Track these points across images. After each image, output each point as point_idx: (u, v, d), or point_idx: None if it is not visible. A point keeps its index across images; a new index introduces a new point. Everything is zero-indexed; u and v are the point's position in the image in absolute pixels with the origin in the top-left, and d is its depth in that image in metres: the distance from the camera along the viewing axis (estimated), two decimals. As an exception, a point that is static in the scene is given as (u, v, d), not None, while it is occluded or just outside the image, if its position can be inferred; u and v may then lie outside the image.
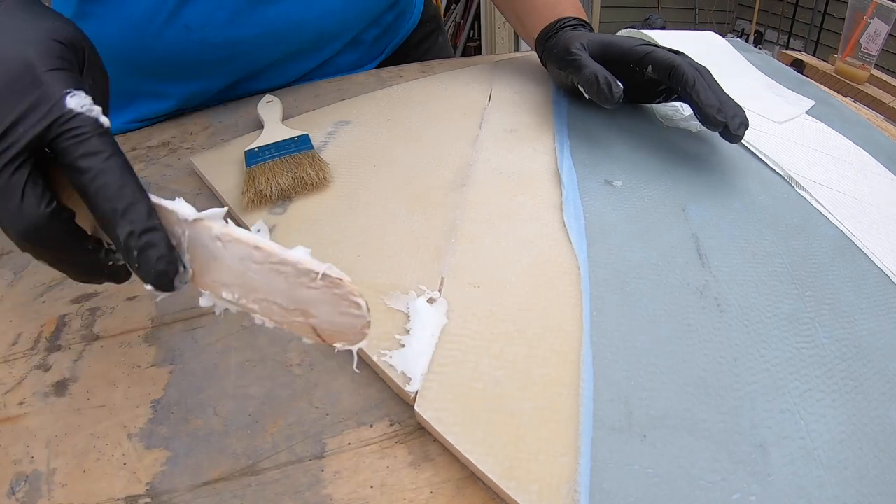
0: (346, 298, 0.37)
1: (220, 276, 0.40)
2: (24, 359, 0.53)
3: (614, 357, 0.48)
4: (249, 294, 0.39)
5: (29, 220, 0.39)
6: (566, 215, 0.61)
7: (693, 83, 0.67)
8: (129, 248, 0.38)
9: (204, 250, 0.39)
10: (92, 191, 0.39)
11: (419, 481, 0.42)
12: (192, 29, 0.83)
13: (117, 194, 0.38)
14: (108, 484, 0.43)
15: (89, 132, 0.40)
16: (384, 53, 1.09)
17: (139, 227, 0.38)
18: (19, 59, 0.41)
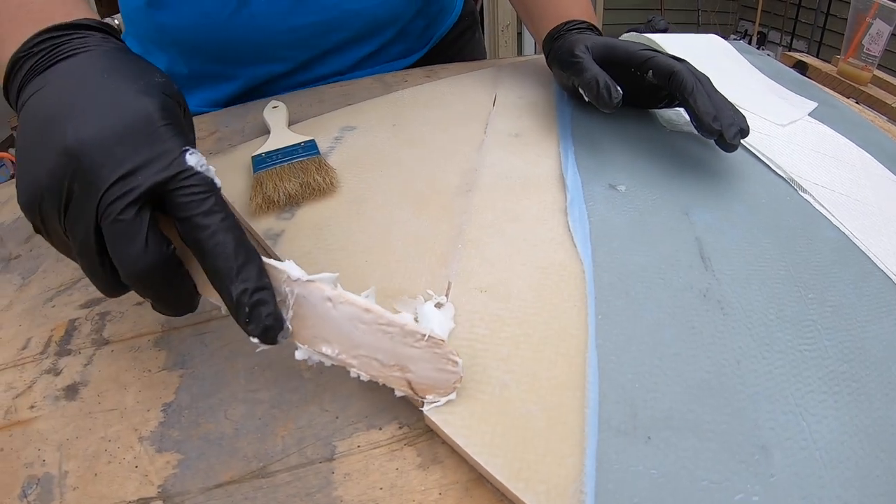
0: (446, 357, 0.44)
1: (323, 333, 0.44)
2: (34, 363, 0.53)
3: (619, 360, 0.49)
4: (350, 350, 0.44)
5: (151, 261, 0.42)
6: (571, 219, 0.62)
7: (691, 90, 0.68)
8: (241, 304, 0.42)
9: (311, 309, 0.44)
10: (209, 248, 0.42)
11: (428, 483, 0.43)
12: (258, 16, 0.90)
13: (233, 253, 0.42)
14: (120, 486, 0.43)
15: (207, 192, 0.43)
16: (428, 45, 1.13)
17: (251, 286, 0.42)
18: (138, 109, 0.44)
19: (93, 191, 0.41)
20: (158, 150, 0.43)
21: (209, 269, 0.43)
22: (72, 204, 0.42)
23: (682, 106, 0.70)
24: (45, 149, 0.43)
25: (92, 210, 0.42)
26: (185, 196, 0.42)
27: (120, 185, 0.41)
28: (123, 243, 0.42)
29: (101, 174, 0.41)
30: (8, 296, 0.61)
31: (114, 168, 0.42)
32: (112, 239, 0.42)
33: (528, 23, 0.95)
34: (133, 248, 0.41)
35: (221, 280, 0.42)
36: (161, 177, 0.42)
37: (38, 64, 0.48)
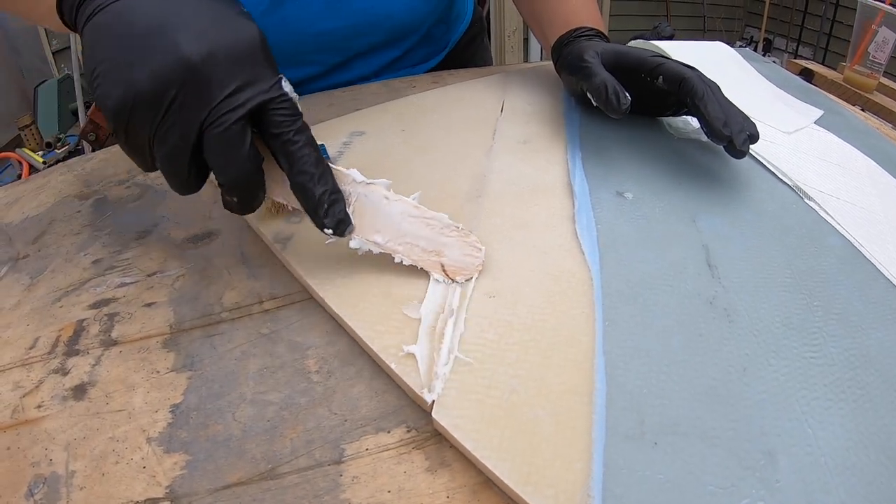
0: (472, 245, 0.57)
1: (377, 224, 0.55)
2: (41, 363, 0.53)
3: (627, 366, 0.49)
4: (398, 238, 0.56)
5: (251, 168, 0.50)
6: (579, 226, 0.62)
7: (702, 95, 0.68)
8: (321, 203, 0.51)
9: (370, 205, 0.55)
10: (298, 157, 0.51)
11: (436, 486, 0.43)
12: (289, 20, 0.91)
13: (316, 163, 0.51)
14: (128, 487, 0.43)
15: (297, 114, 0.51)
16: (445, 50, 1.15)
17: (330, 188, 0.52)
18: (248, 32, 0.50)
19: (203, 101, 0.47)
20: (263, 74, 0.50)
21: (296, 175, 0.51)
22: (173, 110, 0.47)
23: (692, 112, 0.70)
24: (149, 56, 0.46)
25: (198, 118, 0.47)
26: (280, 116, 0.50)
27: (231, 99, 0.48)
28: (231, 152, 0.49)
29: (214, 87, 0.47)
30: (16, 295, 0.61)
31: (226, 83, 0.47)
32: (219, 146, 0.48)
33: (536, 30, 0.95)
34: (239, 155, 0.49)
35: (306, 183, 0.51)
36: (266, 97, 0.49)
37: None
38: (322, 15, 0.91)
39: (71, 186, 0.78)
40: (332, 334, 0.54)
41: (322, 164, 0.52)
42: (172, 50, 0.46)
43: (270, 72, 0.50)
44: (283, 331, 0.55)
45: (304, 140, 0.51)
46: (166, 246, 0.66)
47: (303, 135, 0.51)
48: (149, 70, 0.46)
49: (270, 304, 0.57)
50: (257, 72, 0.49)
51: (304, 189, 0.51)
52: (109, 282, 0.61)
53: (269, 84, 0.50)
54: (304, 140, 0.51)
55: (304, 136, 0.51)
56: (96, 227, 0.70)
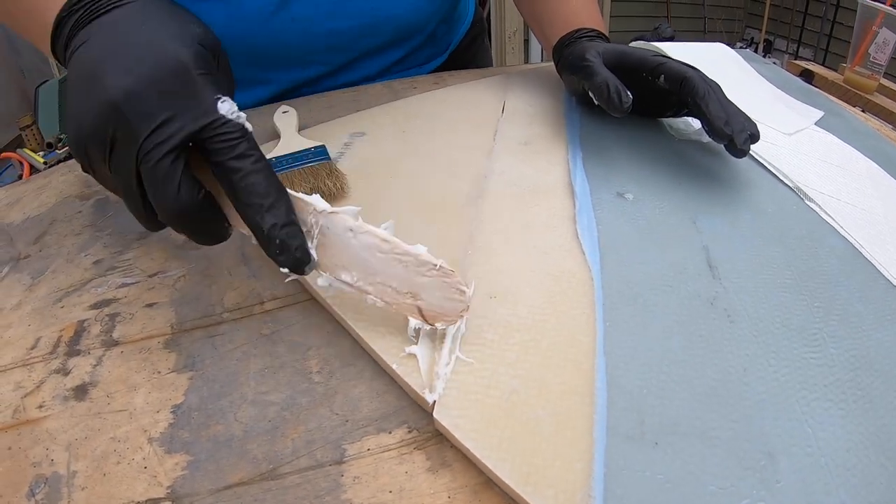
0: (454, 287, 0.48)
1: (344, 261, 0.49)
2: (43, 363, 0.53)
3: (627, 366, 0.49)
4: (368, 277, 0.49)
5: (185, 204, 0.46)
6: (579, 227, 0.62)
7: (703, 94, 0.68)
8: (272, 238, 0.46)
9: (335, 238, 0.49)
10: (241, 188, 0.46)
11: (437, 486, 0.43)
12: (298, 20, 0.91)
13: (264, 192, 0.46)
14: (129, 487, 0.44)
15: (238, 137, 0.47)
16: (447, 51, 1.16)
17: (281, 220, 0.46)
18: (174, 59, 0.47)
19: (132, 139, 0.45)
20: (192, 100, 0.46)
21: (241, 208, 0.47)
22: (115, 150, 0.46)
23: (693, 111, 0.70)
24: (89, 99, 0.46)
25: (132, 156, 0.46)
26: (217, 142, 0.46)
27: (157, 133, 0.45)
28: (159, 188, 0.46)
29: (140, 124, 0.45)
30: (17, 295, 0.61)
31: (151, 118, 0.45)
32: (149, 183, 0.46)
33: (538, 31, 0.96)
34: (168, 193, 0.46)
35: (253, 217, 0.46)
36: (195, 126, 0.46)
37: (81, 19, 0.51)
38: (329, 15, 0.92)
39: (72, 187, 0.78)
40: (333, 335, 0.55)
41: (274, 193, 0.47)
42: (102, 91, 0.46)
43: (206, 94, 0.47)
44: (284, 331, 0.55)
45: (248, 167, 0.46)
46: (167, 246, 0.66)
47: (246, 160, 0.46)
48: (89, 111, 0.46)
49: (271, 305, 0.58)
50: (189, 99, 0.46)
51: (253, 225, 0.47)
52: (111, 282, 0.61)
53: (201, 109, 0.46)
54: (247, 167, 0.46)
55: (248, 161, 0.47)
56: (97, 227, 0.70)
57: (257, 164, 0.47)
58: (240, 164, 0.46)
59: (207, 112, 0.46)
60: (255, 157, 0.47)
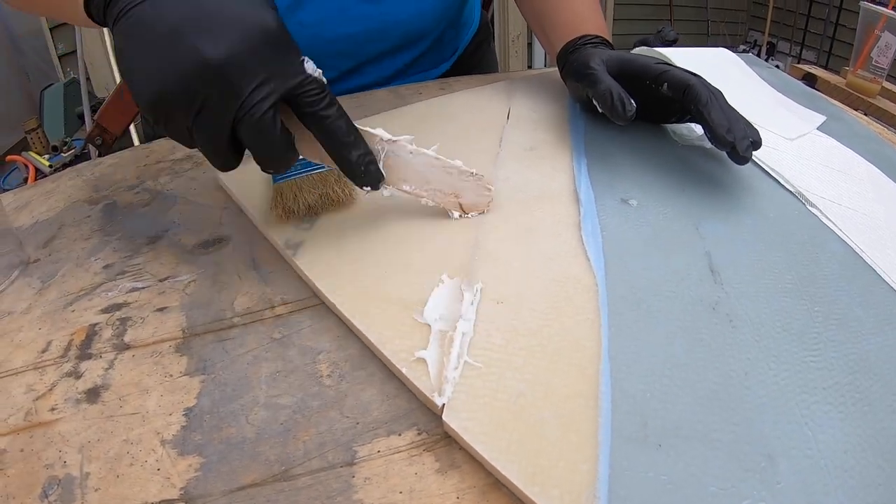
0: (484, 186, 0.66)
1: (405, 175, 0.63)
2: (54, 366, 0.54)
3: (631, 370, 0.50)
4: (423, 185, 0.64)
5: (283, 148, 0.54)
6: (584, 233, 0.63)
7: (706, 102, 0.68)
8: (359, 165, 0.57)
9: (398, 159, 0.61)
10: (332, 130, 0.55)
11: (446, 487, 0.44)
12: (306, 25, 0.92)
13: (348, 131, 0.56)
14: (142, 489, 0.44)
15: (324, 91, 0.55)
16: (454, 56, 1.16)
17: (363, 151, 0.57)
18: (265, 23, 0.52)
19: (233, 97, 0.50)
20: (285, 60, 0.53)
21: (334, 146, 0.56)
22: (206, 108, 0.51)
23: (696, 118, 0.71)
24: (175, 58, 0.49)
25: (231, 112, 0.51)
26: (309, 96, 0.54)
27: (257, 91, 0.50)
28: (263, 138, 0.52)
29: (241, 83, 0.50)
30: (27, 299, 0.61)
31: (251, 78, 0.50)
32: (253, 135, 0.52)
33: (542, 37, 0.96)
34: (272, 140, 0.53)
35: (342, 151, 0.56)
36: (290, 83, 0.52)
37: None
38: (337, 20, 0.92)
39: (80, 191, 0.79)
40: (344, 339, 0.55)
41: (353, 131, 0.57)
42: (195, 54, 0.49)
43: (291, 56, 0.53)
44: (295, 335, 0.56)
45: (334, 113, 0.55)
46: (177, 251, 0.66)
47: (332, 108, 0.55)
48: (176, 73, 0.49)
49: (282, 310, 0.58)
50: (278, 61, 0.52)
51: (343, 158, 0.57)
52: (121, 286, 0.62)
53: (292, 70, 0.53)
54: (334, 114, 0.55)
55: (333, 109, 0.55)
56: (106, 231, 0.70)
57: (339, 110, 0.56)
58: (328, 112, 0.55)
59: (298, 71, 0.53)
60: (336, 105, 0.55)
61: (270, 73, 0.51)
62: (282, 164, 0.56)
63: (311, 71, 0.54)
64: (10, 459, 0.46)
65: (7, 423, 0.49)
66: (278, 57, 0.52)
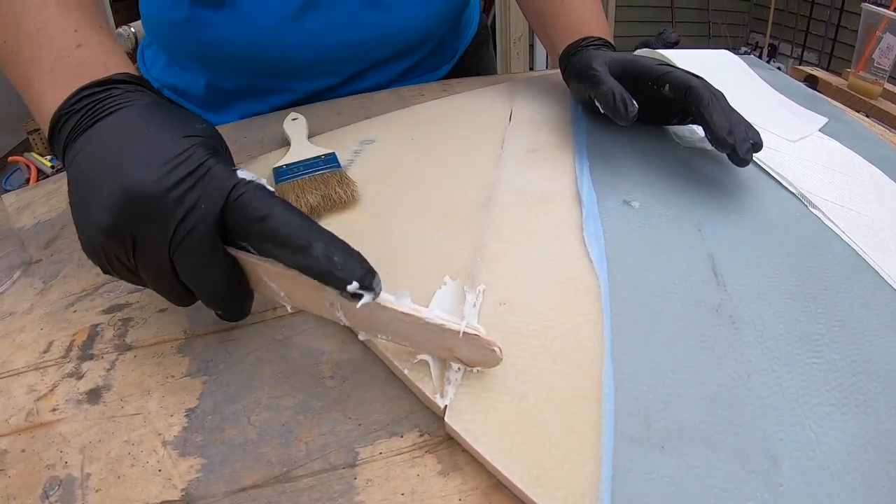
0: (484, 347, 0.47)
1: (375, 327, 0.49)
2: (56, 366, 0.54)
3: (634, 372, 0.50)
4: (402, 339, 0.49)
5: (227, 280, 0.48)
6: (586, 235, 0.63)
7: (707, 104, 0.68)
8: (329, 256, 0.44)
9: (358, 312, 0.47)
10: (281, 227, 0.45)
11: (448, 489, 0.44)
12: (311, 33, 0.92)
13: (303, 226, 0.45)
14: (143, 489, 0.44)
15: (263, 189, 0.47)
16: (454, 58, 1.16)
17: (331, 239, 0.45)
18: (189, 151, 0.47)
19: (163, 230, 0.46)
20: (213, 181, 0.47)
21: (285, 246, 0.45)
22: (140, 244, 0.47)
23: (697, 120, 0.71)
24: (103, 200, 0.46)
25: (164, 246, 0.46)
26: (245, 198, 0.46)
27: (188, 220, 0.45)
28: (200, 271, 0.47)
29: (168, 214, 0.45)
30: (29, 299, 0.61)
31: (178, 206, 0.45)
32: (188, 268, 0.47)
33: (544, 38, 0.96)
34: (211, 274, 0.47)
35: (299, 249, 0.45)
36: (222, 201, 0.46)
37: (82, 122, 0.51)
38: (342, 28, 0.92)
39: (83, 192, 0.79)
40: (346, 340, 0.55)
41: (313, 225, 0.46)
42: (118, 191, 0.46)
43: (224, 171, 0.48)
44: (297, 337, 0.56)
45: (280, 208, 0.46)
46: (180, 253, 0.66)
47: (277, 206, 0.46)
48: (106, 212, 0.46)
49: (284, 311, 0.58)
50: (209, 180, 0.47)
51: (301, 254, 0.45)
52: (123, 287, 0.62)
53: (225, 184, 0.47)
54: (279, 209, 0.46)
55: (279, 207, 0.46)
56: (110, 233, 0.70)
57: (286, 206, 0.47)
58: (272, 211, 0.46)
59: (231, 179, 0.47)
60: (282, 203, 0.47)
61: (200, 196, 0.46)
62: (229, 303, 0.50)
63: (244, 176, 0.48)
64: (11, 460, 0.47)
65: (8, 424, 0.49)
66: (207, 178, 0.47)
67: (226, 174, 0.47)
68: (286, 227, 0.45)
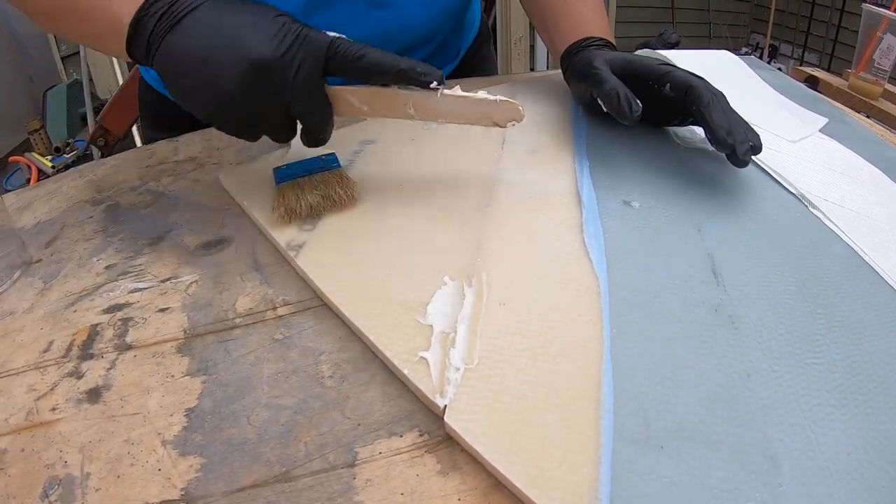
0: (513, 108, 0.67)
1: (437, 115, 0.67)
2: (56, 366, 0.54)
3: (633, 372, 0.50)
4: (456, 118, 0.67)
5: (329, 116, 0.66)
6: (586, 235, 0.63)
7: (707, 103, 0.68)
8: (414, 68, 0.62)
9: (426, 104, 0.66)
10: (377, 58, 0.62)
11: (447, 489, 0.43)
12: None
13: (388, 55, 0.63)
14: (143, 489, 0.44)
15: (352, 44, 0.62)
16: (456, 58, 1.16)
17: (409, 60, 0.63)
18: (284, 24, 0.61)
19: (282, 84, 0.60)
20: (312, 42, 0.61)
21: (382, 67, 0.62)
22: (262, 99, 0.61)
23: (697, 119, 0.71)
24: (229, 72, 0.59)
25: (285, 99, 0.61)
26: (343, 48, 0.62)
27: (300, 73, 0.60)
28: (314, 113, 0.64)
29: (287, 73, 0.60)
30: (29, 299, 0.61)
31: (291, 66, 0.60)
32: (301, 108, 0.63)
33: (546, 38, 0.96)
34: (321, 114, 0.65)
35: (393, 65, 0.62)
36: (323, 55, 0.62)
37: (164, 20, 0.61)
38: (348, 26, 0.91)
39: (83, 192, 0.79)
40: (345, 340, 0.55)
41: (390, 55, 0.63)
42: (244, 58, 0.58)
43: (317, 34, 0.62)
44: (297, 336, 0.56)
45: (369, 51, 0.62)
46: (179, 252, 0.66)
47: (364, 49, 0.62)
48: (229, 80, 0.59)
49: (284, 311, 0.58)
50: (309, 43, 0.61)
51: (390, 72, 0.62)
52: (123, 287, 0.62)
53: (322, 43, 0.62)
54: (369, 49, 0.62)
55: (365, 49, 0.62)
56: (109, 232, 0.70)
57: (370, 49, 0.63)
58: (363, 52, 0.62)
59: (324, 42, 0.62)
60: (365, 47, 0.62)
61: (305, 56, 0.60)
62: (327, 130, 0.66)
63: (334, 36, 0.63)
64: (10, 459, 0.47)
65: (8, 423, 0.49)
66: (307, 41, 0.61)
67: (320, 36, 0.62)
68: (380, 56, 0.62)
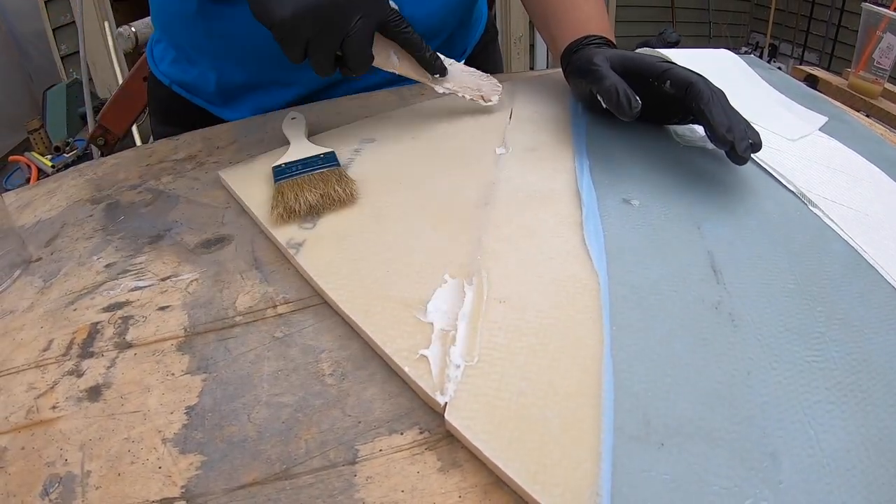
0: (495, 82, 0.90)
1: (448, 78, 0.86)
2: (56, 364, 0.54)
3: (633, 369, 0.50)
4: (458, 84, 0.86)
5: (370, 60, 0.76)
6: (586, 233, 0.63)
7: (707, 100, 0.68)
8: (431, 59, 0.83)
9: None
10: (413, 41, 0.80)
11: (448, 486, 0.44)
12: None
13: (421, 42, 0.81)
14: (143, 487, 0.44)
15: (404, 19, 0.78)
16: (465, 55, 1.17)
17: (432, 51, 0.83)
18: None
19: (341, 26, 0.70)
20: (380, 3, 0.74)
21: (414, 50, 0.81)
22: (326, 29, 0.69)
23: (697, 117, 0.71)
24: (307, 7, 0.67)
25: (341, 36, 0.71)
26: (395, 23, 0.78)
27: (359, 23, 0.71)
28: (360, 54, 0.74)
29: (350, 16, 0.70)
30: (29, 298, 0.62)
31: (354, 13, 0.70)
32: (353, 52, 0.72)
33: (547, 36, 0.96)
34: (365, 57, 0.75)
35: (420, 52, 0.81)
36: (382, 18, 0.75)
37: None
38: None
39: (82, 191, 0.79)
40: (345, 338, 0.55)
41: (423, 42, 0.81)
42: None
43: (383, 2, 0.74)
44: (297, 334, 0.56)
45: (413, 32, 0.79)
46: (179, 251, 0.66)
47: (410, 27, 0.79)
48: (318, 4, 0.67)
49: (284, 309, 0.58)
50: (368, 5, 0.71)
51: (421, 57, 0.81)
52: (123, 285, 0.62)
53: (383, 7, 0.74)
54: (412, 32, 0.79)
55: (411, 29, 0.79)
56: (108, 231, 0.71)
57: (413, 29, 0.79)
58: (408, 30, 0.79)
59: (385, 9, 0.75)
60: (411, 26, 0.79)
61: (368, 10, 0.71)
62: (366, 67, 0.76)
63: (394, 6, 0.76)
64: (11, 457, 0.47)
65: (8, 421, 0.49)
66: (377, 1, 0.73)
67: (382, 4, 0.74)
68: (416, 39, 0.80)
